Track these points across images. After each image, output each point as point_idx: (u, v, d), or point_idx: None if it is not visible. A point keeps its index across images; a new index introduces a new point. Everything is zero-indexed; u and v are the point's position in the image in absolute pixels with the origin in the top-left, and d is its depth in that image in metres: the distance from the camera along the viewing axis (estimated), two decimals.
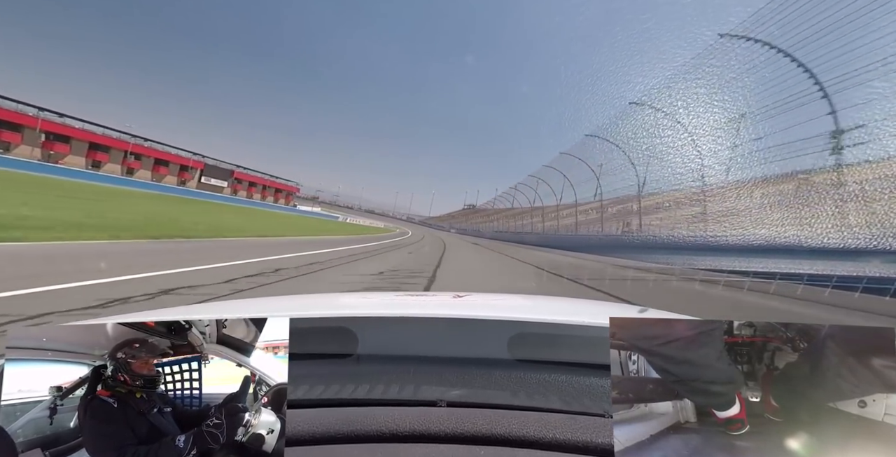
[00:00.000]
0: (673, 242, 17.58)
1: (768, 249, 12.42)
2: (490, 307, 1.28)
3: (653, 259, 15.78)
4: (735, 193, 14.82)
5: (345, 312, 0.99)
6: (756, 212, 13.92)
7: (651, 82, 17.78)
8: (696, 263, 13.86)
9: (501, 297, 1.73)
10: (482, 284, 7.61)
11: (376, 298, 1.50)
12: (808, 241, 11.32)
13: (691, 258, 14.94)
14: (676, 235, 18.13)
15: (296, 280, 5.89)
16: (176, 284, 4.55)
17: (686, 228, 17.78)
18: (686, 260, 14.79)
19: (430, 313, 0.97)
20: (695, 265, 13.38)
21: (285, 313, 1.00)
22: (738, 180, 14.70)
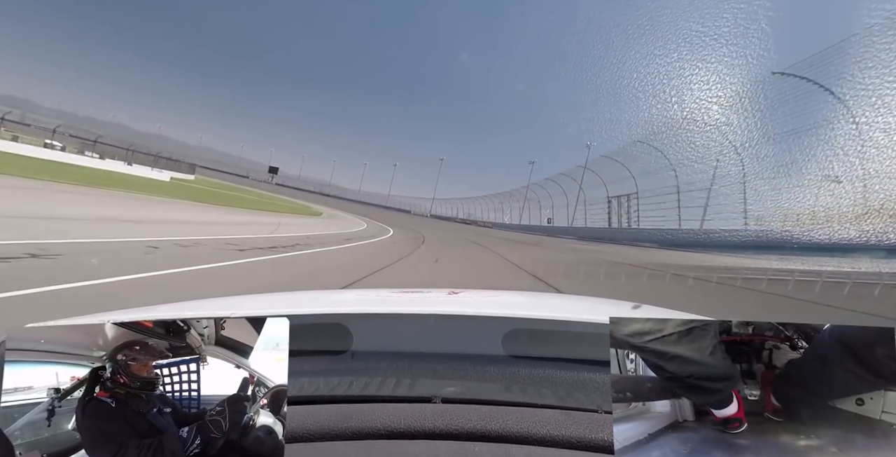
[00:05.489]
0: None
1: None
2: (484, 304, 1.28)
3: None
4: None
5: (340, 309, 1.00)
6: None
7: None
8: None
9: (496, 293, 1.73)
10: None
11: (371, 294, 1.50)
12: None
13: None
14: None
15: None
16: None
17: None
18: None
19: (425, 310, 0.97)
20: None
21: (280, 310, 1.00)
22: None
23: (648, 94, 19.33)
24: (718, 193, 22.86)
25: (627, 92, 19.79)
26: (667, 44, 16.45)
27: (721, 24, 15.44)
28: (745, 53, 14.28)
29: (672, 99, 17.95)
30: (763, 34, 14.09)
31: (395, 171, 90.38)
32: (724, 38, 14.93)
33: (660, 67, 17.40)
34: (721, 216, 22.81)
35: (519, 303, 1.43)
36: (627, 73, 19.47)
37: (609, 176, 32.79)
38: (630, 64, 19.07)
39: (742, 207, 21.29)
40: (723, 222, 22.18)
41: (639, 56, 18.27)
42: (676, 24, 15.73)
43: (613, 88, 25.15)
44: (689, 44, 16.26)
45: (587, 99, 25.05)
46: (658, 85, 18.14)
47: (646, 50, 17.69)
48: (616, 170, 31.40)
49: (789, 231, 16.49)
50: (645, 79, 19.09)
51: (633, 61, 18.17)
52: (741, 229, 20.95)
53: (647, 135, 25.13)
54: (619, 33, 21.29)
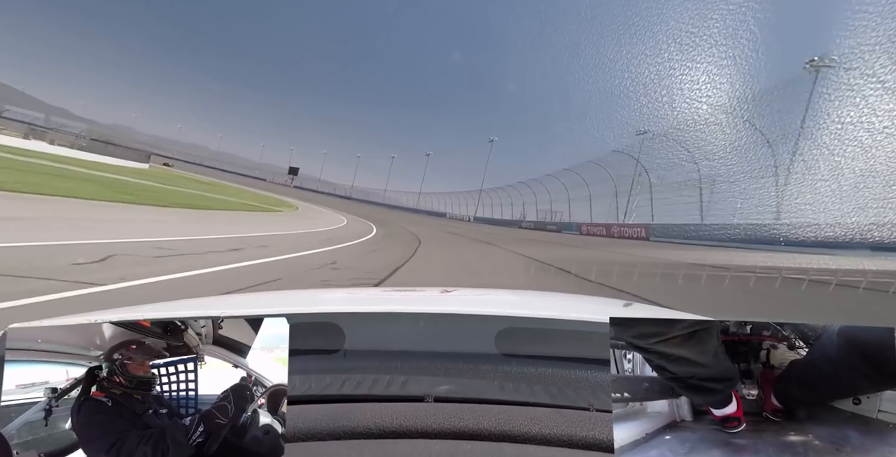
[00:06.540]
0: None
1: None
2: (477, 302, 1.28)
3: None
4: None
5: (332, 308, 1.00)
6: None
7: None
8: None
9: (489, 292, 1.73)
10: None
11: (363, 293, 1.50)
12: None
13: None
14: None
15: None
16: None
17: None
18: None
19: (417, 309, 0.98)
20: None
21: (272, 310, 1.00)
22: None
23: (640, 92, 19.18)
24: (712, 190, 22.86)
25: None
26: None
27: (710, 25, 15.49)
28: (732, 54, 14.34)
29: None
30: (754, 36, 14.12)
31: (428, 160, 70.83)
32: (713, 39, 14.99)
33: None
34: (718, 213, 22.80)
35: (512, 301, 1.43)
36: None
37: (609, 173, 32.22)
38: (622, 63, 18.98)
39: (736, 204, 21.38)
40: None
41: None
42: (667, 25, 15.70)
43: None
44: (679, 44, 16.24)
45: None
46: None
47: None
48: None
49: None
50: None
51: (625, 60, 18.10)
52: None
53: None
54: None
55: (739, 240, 19.32)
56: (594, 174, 33.69)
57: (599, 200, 33.89)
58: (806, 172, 16.89)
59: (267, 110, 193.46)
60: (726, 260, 12.24)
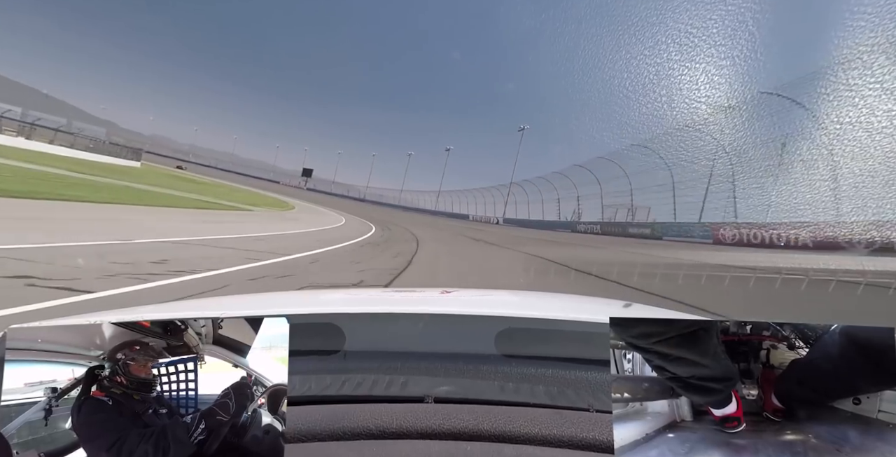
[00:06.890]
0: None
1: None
2: (477, 303, 1.28)
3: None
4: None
5: (332, 309, 1.00)
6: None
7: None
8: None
9: (489, 293, 1.73)
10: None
11: (363, 294, 1.50)
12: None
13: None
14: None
15: None
16: None
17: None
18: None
19: (417, 309, 0.97)
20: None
21: (272, 310, 1.00)
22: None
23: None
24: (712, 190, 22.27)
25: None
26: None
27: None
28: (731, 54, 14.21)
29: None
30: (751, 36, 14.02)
31: (447, 156, 63.07)
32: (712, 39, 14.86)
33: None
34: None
35: (512, 302, 1.43)
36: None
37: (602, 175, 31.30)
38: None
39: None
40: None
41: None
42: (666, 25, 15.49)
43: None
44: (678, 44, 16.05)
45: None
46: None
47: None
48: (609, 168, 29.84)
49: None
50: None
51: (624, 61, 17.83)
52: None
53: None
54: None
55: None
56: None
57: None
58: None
59: (280, 112, 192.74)
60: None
